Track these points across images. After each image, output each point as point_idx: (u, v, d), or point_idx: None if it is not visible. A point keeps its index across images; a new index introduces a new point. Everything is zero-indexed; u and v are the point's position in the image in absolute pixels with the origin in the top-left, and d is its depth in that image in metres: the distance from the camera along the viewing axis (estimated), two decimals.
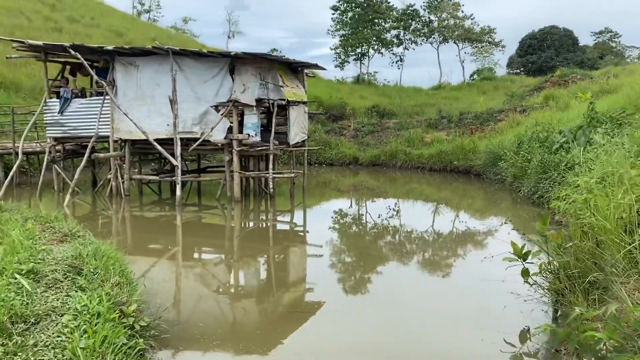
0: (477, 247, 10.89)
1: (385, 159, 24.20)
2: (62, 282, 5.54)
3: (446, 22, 50.20)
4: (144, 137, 14.84)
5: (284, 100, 15.02)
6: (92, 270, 5.89)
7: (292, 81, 15.90)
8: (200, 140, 14.47)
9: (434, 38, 51.49)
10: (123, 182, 15.53)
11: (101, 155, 15.18)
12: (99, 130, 15.10)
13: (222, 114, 14.55)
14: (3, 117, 20.26)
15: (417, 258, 10.24)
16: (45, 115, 16.18)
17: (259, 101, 14.60)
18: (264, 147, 14.80)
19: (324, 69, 17.15)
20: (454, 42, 51.07)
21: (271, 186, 15.04)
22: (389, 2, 50.91)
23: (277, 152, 15.30)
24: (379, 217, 14.54)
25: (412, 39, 52.02)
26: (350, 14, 50.46)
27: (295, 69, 16.56)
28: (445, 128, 26.31)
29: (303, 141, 16.67)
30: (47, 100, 16.06)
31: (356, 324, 6.58)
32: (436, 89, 46.38)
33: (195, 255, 10.59)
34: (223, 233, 12.90)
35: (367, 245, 11.48)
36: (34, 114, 17.09)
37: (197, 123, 14.75)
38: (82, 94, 16.23)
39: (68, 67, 16.95)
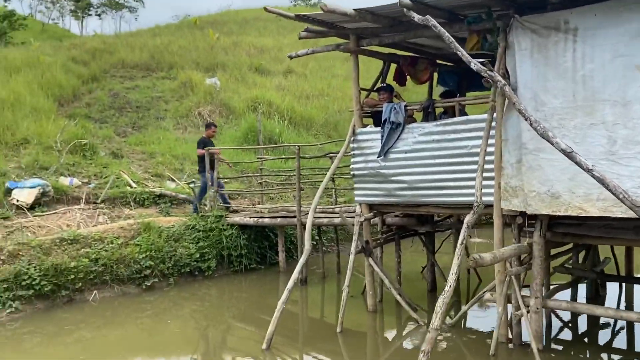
0: None
1: None
2: None
3: None
4: (592, 213, 5.03)
5: None
6: None
7: None
8: None
9: None
10: (529, 319, 5.82)
11: (484, 258, 5.68)
12: (482, 193, 5.69)
13: None
14: (290, 162, 12.86)
15: None
16: (353, 159, 7.62)
17: None
18: None
19: None
20: None
21: None
22: None
23: None
24: None
25: None
26: None
27: None
28: None
29: None
30: (357, 131, 7.50)
31: None
32: None
33: None
34: None
35: None
36: (330, 157, 8.93)
37: None
38: (429, 112, 7.09)
39: (394, 66, 8.29)
